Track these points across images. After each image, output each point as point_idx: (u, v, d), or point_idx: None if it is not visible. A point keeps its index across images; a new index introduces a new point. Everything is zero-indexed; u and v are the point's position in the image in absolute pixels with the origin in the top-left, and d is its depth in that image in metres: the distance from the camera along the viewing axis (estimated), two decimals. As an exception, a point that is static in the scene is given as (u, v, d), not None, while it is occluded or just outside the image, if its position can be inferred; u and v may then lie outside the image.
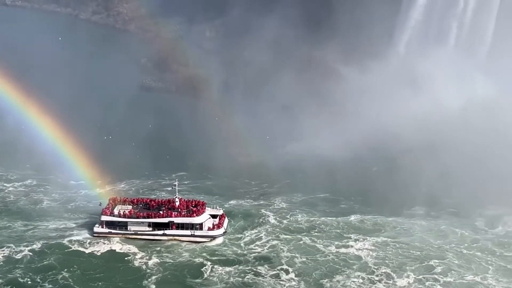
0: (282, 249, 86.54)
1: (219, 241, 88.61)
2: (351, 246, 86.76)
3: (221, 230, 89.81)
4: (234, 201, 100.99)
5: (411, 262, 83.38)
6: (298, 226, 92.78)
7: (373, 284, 78.75)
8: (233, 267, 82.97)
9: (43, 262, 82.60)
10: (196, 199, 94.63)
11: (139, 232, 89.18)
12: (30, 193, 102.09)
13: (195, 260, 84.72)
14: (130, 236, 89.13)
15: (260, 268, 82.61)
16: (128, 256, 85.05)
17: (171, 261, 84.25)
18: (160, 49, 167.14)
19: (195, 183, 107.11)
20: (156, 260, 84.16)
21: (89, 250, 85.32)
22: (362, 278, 80.00)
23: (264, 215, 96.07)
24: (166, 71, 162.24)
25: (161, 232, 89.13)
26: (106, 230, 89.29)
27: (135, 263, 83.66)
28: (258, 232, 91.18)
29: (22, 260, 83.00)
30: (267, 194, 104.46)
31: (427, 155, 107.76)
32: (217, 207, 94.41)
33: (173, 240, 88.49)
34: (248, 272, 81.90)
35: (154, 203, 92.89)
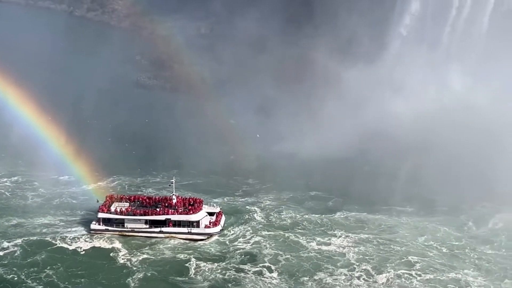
0: (266, 246, 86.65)
1: (215, 239, 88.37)
2: (334, 243, 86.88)
3: (218, 228, 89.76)
4: (221, 199, 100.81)
5: (392, 259, 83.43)
6: (283, 223, 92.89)
7: (353, 281, 78.83)
8: (217, 264, 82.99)
9: (27, 260, 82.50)
10: (194, 197, 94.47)
11: (136, 230, 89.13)
12: (16, 190, 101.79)
13: (179, 257, 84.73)
14: (127, 234, 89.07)
15: (243, 265, 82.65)
16: (112, 253, 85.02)
17: (155, 258, 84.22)
18: (155, 47, 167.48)
19: (185, 181, 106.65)
20: (140, 257, 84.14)
21: (73, 247, 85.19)
22: (344, 275, 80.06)
23: (251, 212, 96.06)
24: (161, 69, 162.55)
25: (158, 230, 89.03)
26: (103, 227, 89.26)
27: (119, 260, 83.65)
28: (244, 229, 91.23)
29: (6, 257, 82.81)
30: (255, 192, 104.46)
31: (416, 155, 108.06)
32: (214, 205, 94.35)
33: (170, 238, 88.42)
34: (232, 269, 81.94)
35: (151, 201, 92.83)
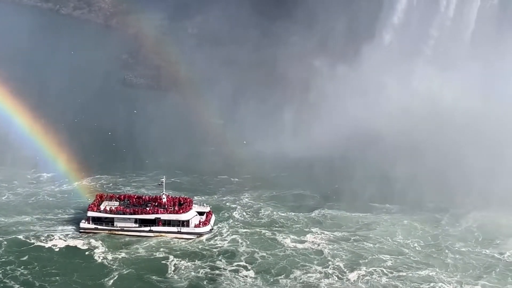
0: (243, 244, 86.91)
1: (205, 238, 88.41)
2: (310, 241, 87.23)
3: (208, 227, 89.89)
4: (203, 197, 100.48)
5: (365, 256, 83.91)
6: (261, 221, 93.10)
7: (327, 278, 79.13)
8: (194, 262, 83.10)
9: (2, 259, 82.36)
10: (184, 196, 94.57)
11: (126, 228, 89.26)
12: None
13: (157, 255, 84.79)
14: (117, 232, 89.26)
15: (220, 263, 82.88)
16: (89, 252, 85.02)
17: (132, 257, 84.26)
18: (142, 45, 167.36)
19: (167, 180, 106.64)
20: (117, 256, 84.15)
21: (49, 245, 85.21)
22: (319, 273, 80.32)
23: (230, 210, 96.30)
24: (148, 67, 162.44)
25: (148, 229, 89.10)
26: (92, 226, 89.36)
27: (97, 259, 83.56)
28: (222, 227, 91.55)
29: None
30: (237, 191, 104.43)
31: (400, 155, 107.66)
32: (204, 204, 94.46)
33: (160, 237, 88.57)
34: (208, 267, 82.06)
35: (141, 200, 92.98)
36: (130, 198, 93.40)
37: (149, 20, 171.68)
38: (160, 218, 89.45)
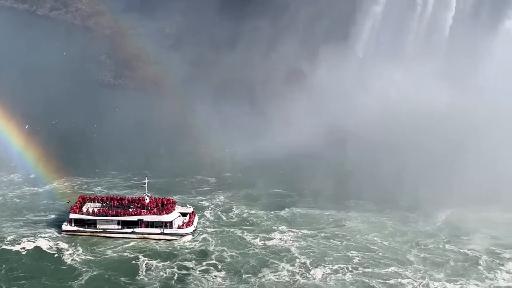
0: (213, 243, 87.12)
1: (188, 239, 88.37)
2: (278, 239, 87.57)
3: (191, 228, 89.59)
4: (175, 197, 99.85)
5: (333, 253, 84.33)
6: (231, 220, 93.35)
7: (294, 276, 79.37)
8: (164, 263, 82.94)
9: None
10: (166, 197, 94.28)
11: (108, 230, 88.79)
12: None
13: (126, 256, 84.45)
14: (99, 235, 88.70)
15: (190, 263, 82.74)
16: (58, 255, 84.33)
17: (101, 258, 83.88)
18: (120, 46, 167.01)
19: (140, 180, 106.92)
20: (86, 258, 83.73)
21: (16, 248, 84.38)
22: (287, 271, 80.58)
23: (202, 210, 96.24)
24: (126, 68, 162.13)
25: (131, 230, 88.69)
26: (75, 228, 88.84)
27: (65, 261, 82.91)
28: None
29: None
30: (212, 191, 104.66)
31: (378, 153, 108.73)
32: (187, 205, 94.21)
33: (143, 238, 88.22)
34: (178, 267, 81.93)
35: (124, 201, 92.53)
36: (113, 200, 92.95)
37: (127, 21, 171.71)
38: (143, 220, 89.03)
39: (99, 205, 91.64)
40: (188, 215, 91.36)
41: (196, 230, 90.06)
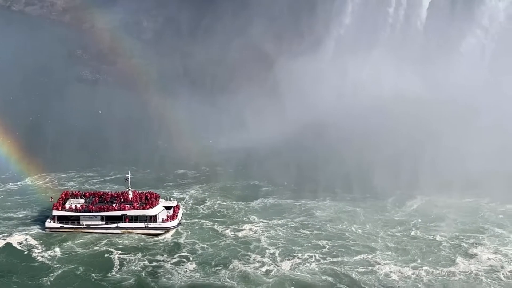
0: (184, 235, 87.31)
1: (173, 232, 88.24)
2: (249, 230, 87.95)
3: (175, 222, 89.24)
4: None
5: (303, 242, 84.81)
6: (202, 212, 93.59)
7: (264, 267, 79.60)
8: (136, 256, 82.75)
9: None
10: (150, 191, 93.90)
11: (92, 226, 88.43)
12: None
13: (99, 251, 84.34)
14: (83, 231, 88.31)
15: (161, 257, 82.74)
16: (29, 251, 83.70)
17: (72, 253, 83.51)
18: (96, 40, 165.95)
19: (120, 174, 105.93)
20: (57, 254, 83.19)
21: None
22: (258, 262, 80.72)
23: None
24: (103, 63, 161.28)
25: (114, 226, 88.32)
26: (58, 225, 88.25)
27: (37, 258, 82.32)
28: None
29: None
30: (188, 184, 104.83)
31: (355, 145, 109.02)
32: (171, 199, 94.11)
33: (127, 233, 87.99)
34: (149, 261, 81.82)
35: (107, 196, 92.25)
36: (96, 195, 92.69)
37: (103, 15, 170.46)
38: (127, 215, 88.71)
39: (82, 201, 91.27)
40: (172, 209, 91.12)
41: (181, 224, 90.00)
